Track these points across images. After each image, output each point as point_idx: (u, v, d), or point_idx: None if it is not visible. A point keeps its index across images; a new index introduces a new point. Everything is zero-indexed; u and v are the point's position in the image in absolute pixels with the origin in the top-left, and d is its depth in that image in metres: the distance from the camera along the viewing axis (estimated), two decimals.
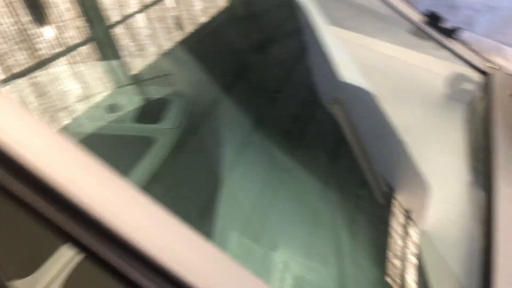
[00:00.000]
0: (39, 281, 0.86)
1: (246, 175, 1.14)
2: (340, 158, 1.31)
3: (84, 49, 1.68)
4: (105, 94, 1.46)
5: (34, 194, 0.45)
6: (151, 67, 1.59)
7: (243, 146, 1.22)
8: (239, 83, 1.39)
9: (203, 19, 1.96)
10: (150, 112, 1.25)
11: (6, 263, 0.83)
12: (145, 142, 1.14)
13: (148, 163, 1.08)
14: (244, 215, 1.06)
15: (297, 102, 1.42)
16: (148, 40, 1.82)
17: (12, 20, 1.58)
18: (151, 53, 1.80)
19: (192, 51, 1.50)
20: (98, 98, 1.46)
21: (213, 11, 1.95)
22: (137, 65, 1.64)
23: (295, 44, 1.53)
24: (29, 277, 0.86)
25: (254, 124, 1.27)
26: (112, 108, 1.29)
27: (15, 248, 0.90)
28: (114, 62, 1.62)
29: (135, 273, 0.45)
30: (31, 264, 0.88)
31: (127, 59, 1.68)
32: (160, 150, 1.13)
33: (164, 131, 1.19)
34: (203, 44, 1.57)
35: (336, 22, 1.29)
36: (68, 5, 1.69)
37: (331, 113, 1.30)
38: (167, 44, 1.85)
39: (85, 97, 1.49)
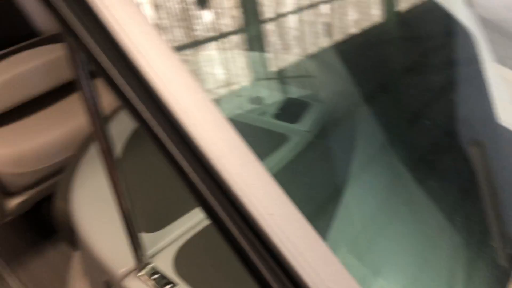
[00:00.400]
0: (164, 237, 0.92)
1: (364, 192, 1.12)
2: (466, 203, 1.21)
3: (234, 38, 1.77)
4: (245, 84, 1.53)
5: (185, 158, 0.49)
6: (294, 67, 1.62)
7: (369, 164, 1.19)
8: (377, 101, 1.36)
9: (353, 30, 1.94)
10: (288, 110, 1.28)
11: (141, 216, 0.92)
12: (278, 138, 1.18)
13: (277, 158, 1.11)
14: (354, 231, 1.04)
15: (432, 133, 1.35)
16: (295, 41, 1.85)
17: None
18: (295, 54, 1.83)
19: (337, 60, 1.50)
20: (238, 87, 1.53)
21: (365, 24, 1.92)
22: (280, 62, 1.68)
23: (445, 73, 1.45)
24: (156, 232, 0.93)
25: (383, 145, 1.24)
26: (254, 99, 1.35)
27: (151, 203, 0.99)
28: (259, 56, 1.68)
29: (252, 253, 0.47)
30: (161, 220, 0.95)
31: (272, 55, 1.74)
32: (292, 149, 1.15)
33: (300, 132, 1.21)
34: (348, 55, 1.56)
35: (500, 59, 1.19)
36: None
37: (468, 154, 1.21)
38: (313, 49, 1.87)
39: (226, 83, 1.57)
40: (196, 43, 1.72)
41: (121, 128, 1.24)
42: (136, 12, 0.52)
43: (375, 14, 1.92)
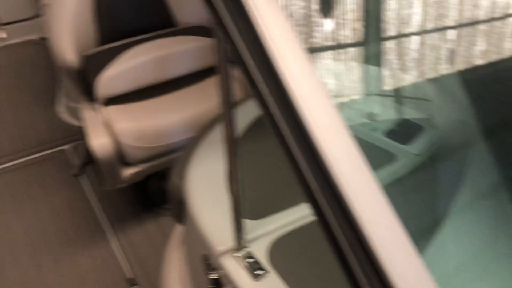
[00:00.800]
0: (264, 226, 0.98)
1: (466, 228, 1.07)
2: None
3: (351, 50, 1.77)
4: (359, 98, 1.53)
5: (302, 155, 0.53)
6: (411, 88, 1.59)
7: (476, 200, 1.13)
8: (497, 137, 1.28)
9: (480, 61, 1.85)
10: (400, 130, 1.26)
11: (248, 202, 0.98)
12: (386, 156, 1.17)
13: (382, 175, 1.11)
14: (449, 265, 1.00)
15: None
16: (414, 62, 1.81)
17: (303, 4, 1.77)
18: (414, 76, 1.79)
19: (459, 88, 1.44)
20: (350, 99, 1.54)
21: (494, 57, 1.82)
22: (396, 81, 1.66)
23: None
24: (258, 220, 0.99)
25: (496, 184, 1.16)
26: (366, 114, 1.36)
27: (259, 192, 1.05)
28: (376, 71, 1.67)
29: (350, 254, 0.50)
30: (265, 210, 1.01)
31: (389, 73, 1.71)
32: (399, 170, 1.14)
33: (409, 155, 1.19)
34: (472, 85, 1.50)
35: None
36: (354, 6, 1.80)
37: None
38: (432, 73, 1.81)
39: (339, 94, 1.58)
40: (314, 50, 1.75)
41: (244, 116, 1.33)
42: (281, 18, 0.57)
43: (507, 47, 1.81)
